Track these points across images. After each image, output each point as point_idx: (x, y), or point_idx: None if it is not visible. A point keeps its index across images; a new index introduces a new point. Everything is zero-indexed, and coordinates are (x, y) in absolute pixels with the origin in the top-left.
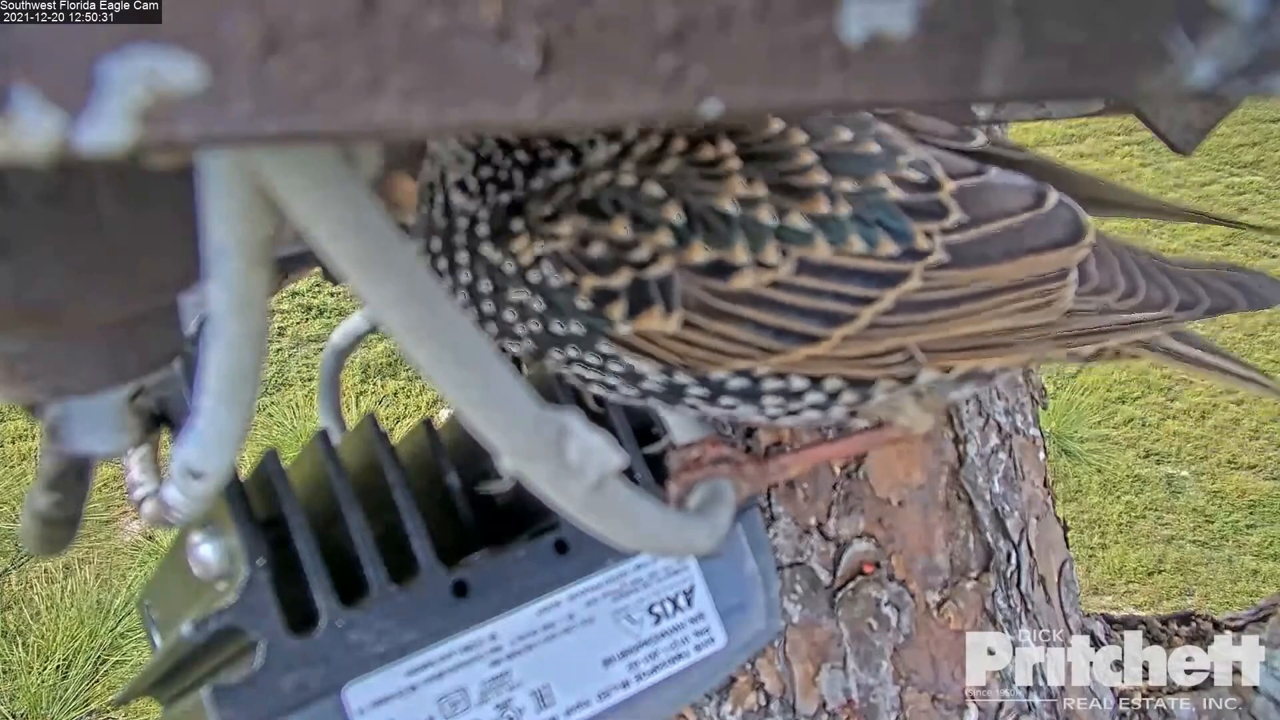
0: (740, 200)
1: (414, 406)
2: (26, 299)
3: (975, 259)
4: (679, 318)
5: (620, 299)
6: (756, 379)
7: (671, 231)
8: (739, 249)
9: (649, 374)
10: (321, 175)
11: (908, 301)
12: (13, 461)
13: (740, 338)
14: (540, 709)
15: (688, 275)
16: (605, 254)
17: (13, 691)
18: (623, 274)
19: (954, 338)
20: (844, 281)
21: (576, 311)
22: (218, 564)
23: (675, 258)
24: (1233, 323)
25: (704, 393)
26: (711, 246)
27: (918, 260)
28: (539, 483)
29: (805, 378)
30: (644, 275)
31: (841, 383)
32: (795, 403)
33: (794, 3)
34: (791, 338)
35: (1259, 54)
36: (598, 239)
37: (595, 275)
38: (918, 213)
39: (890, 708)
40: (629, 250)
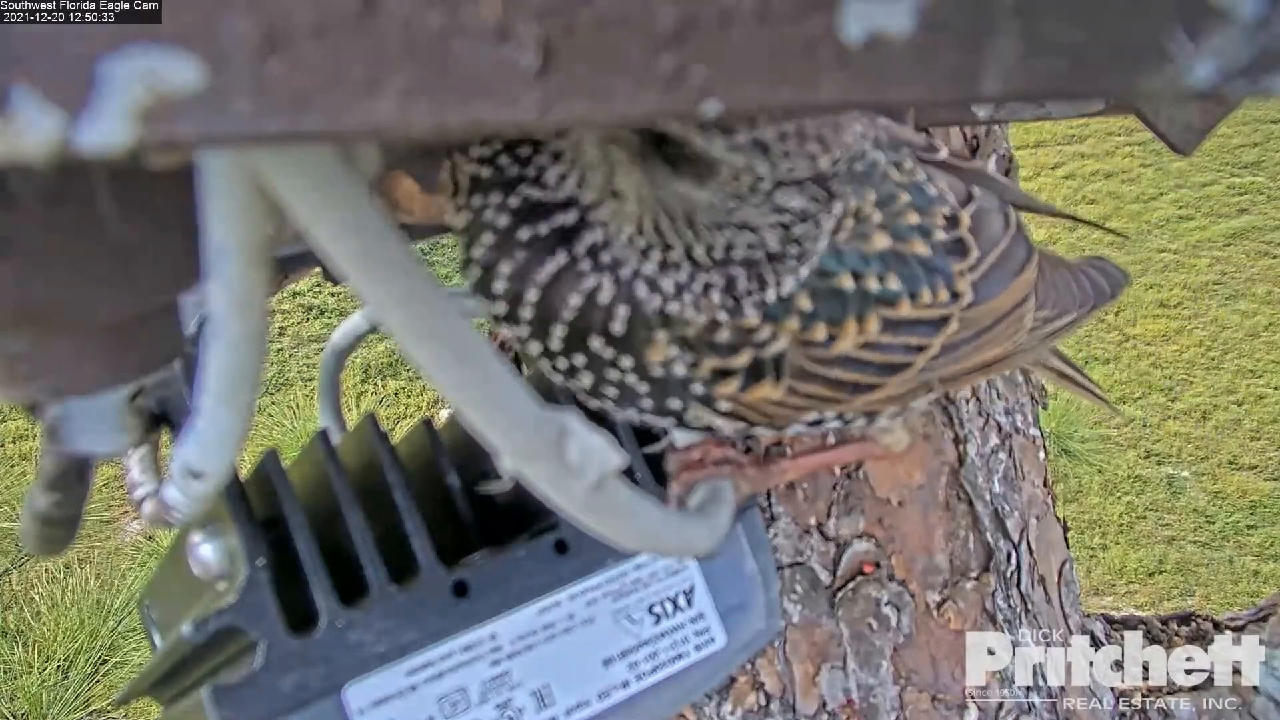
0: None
1: (414, 406)
2: (26, 299)
3: (987, 294)
4: (785, 385)
5: (736, 377)
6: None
7: (799, 318)
8: (850, 323)
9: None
10: (321, 175)
11: (946, 345)
12: (13, 461)
13: (821, 394)
14: (540, 709)
15: (797, 347)
16: (732, 339)
17: (13, 691)
18: (744, 355)
19: (963, 369)
20: (910, 333)
21: (686, 395)
22: (218, 564)
23: (794, 336)
24: (1233, 323)
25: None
26: (830, 325)
27: (957, 303)
28: (539, 483)
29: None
30: (762, 354)
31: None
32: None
33: (794, 3)
34: (861, 389)
35: (1259, 54)
36: (726, 328)
37: (717, 357)
38: (953, 252)
39: (890, 708)
40: (754, 333)
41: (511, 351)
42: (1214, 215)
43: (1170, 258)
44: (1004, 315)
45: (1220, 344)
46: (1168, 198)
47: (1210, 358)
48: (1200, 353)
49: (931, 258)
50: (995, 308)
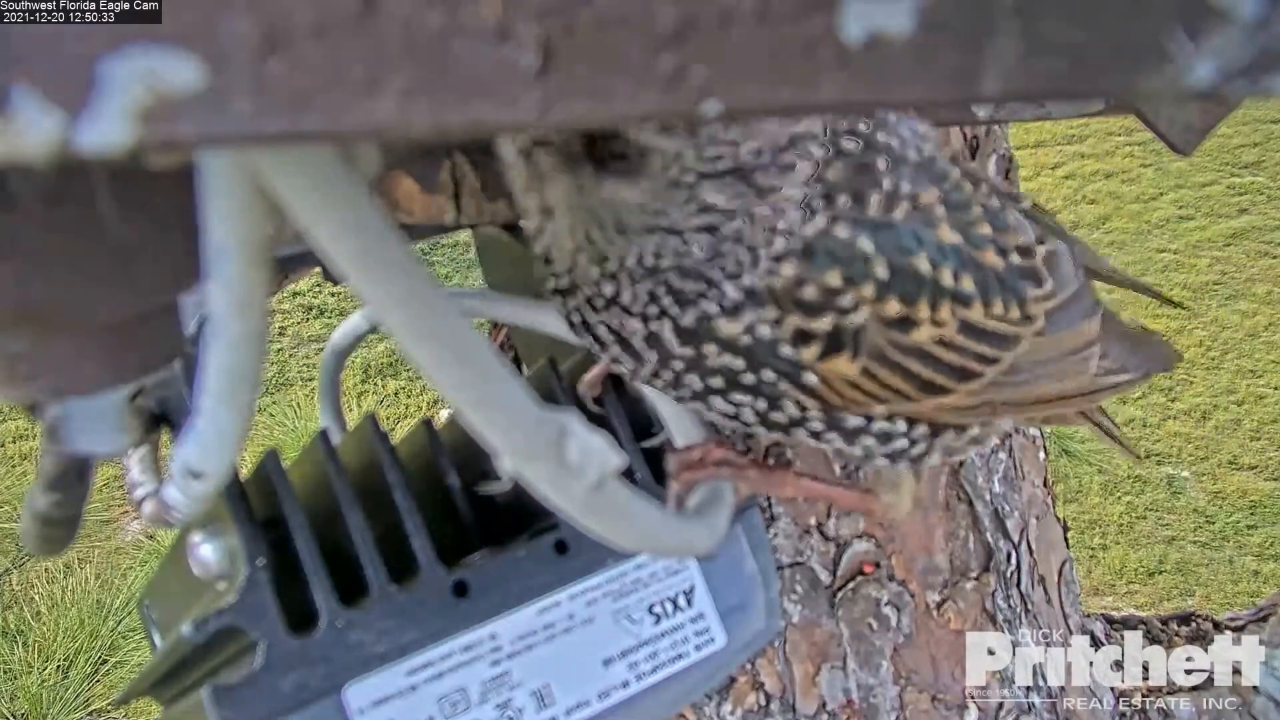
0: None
1: (415, 406)
2: (26, 299)
3: (1056, 326)
4: (862, 364)
5: (817, 341)
6: (871, 419)
7: (875, 285)
8: (923, 306)
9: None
10: (321, 175)
11: (1015, 365)
12: (13, 461)
13: (897, 386)
14: (540, 709)
15: (878, 326)
16: (816, 298)
17: (13, 691)
18: (826, 319)
19: (1026, 397)
20: (982, 342)
21: (776, 359)
22: (218, 564)
23: (873, 309)
24: (1233, 323)
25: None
26: (904, 302)
27: (1029, 325)
28: (539, 483)
29: (905, 422)
30: (844, 322)
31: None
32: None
33: (794, 3)
34: (932, 389)
35: (1259, 54)
36: (812, 283)
37: (802, 315)
38: (1028, 278)
39: (890, 708)
40: (836, 296)
41: (511, 351)
42: (1214, 215)
43: (1170, 258)
44: (1070, 353)
45: (1220, 344)
46: (1168, 198)
47: (1210, 358)
48: (1200, 353)
49: (1005, 272)
50: (1062, 342)
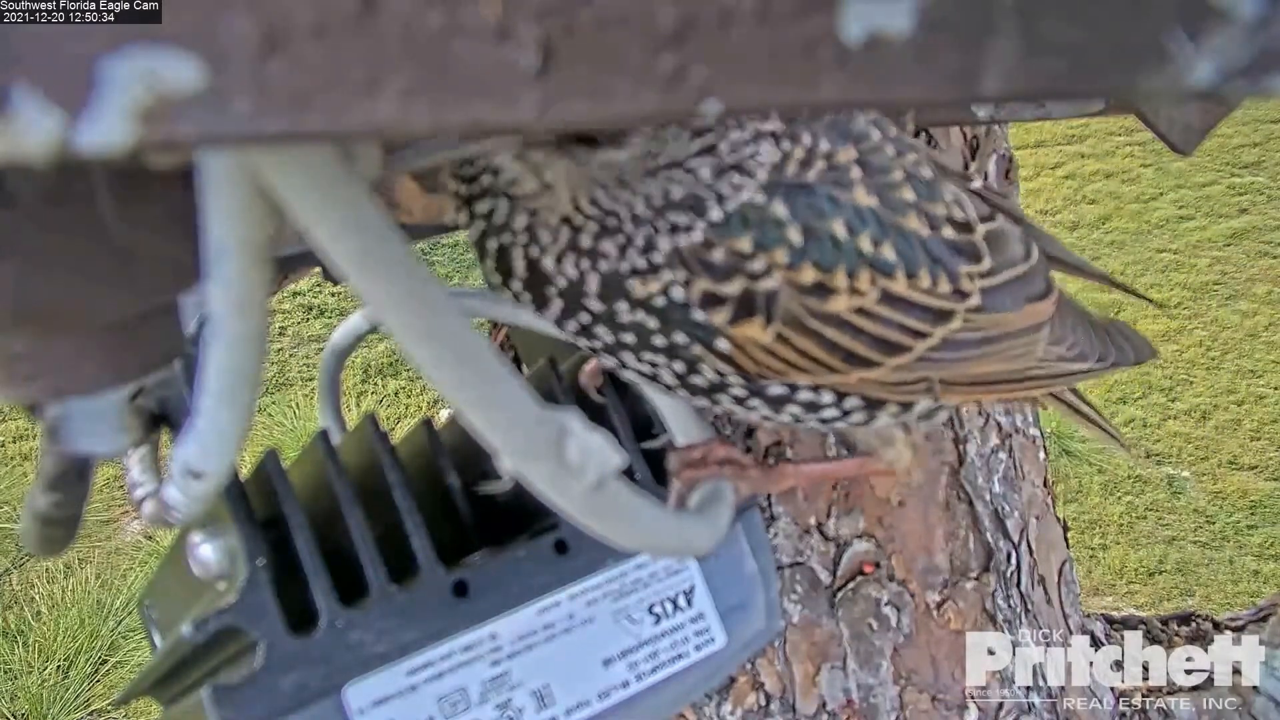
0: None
1: (415, 406)
2: (26, 299)
3: (996, 305)
4: (775, 330)
5: (727, 305)
6: (794, 388)
7: (788, 250)
8: (840, 273)
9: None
10: (321, 175)
11: (948, 340)
12: (13, 461)
13: (816, 355)
14: (540, 709)
15: (791, 292)
16: (725, 261)
17: (13, 691)
18: (736, 282)
19: (965, 375)
20: (909, 315)
21: (689, 324)
22: (218, 564)
23: (786, 274)
24: (1233, 323)
25: (742, 394)
26: (819, 268)
27: (962, 301)
28: (539, 483)
29: (832, 394)
30: (754, 287)
31: (859, 402)
32: (809, 414)
33: (794, 3)
34: (856, 361)
35: (1259, 54)
36: (720, 247)
37: (710, 280)
38: (963, 254)
39: (890, 708)
40: (746, 261)
41: (511, 351)
42: (1214, 215)
43: (1170, 258)
44: (1014, 334)
45: (1220, 344)
46: (1168, 198)
47: (1210, 358)
48: (1200, 353)
49: (931, 243)
50: (1005, 321)
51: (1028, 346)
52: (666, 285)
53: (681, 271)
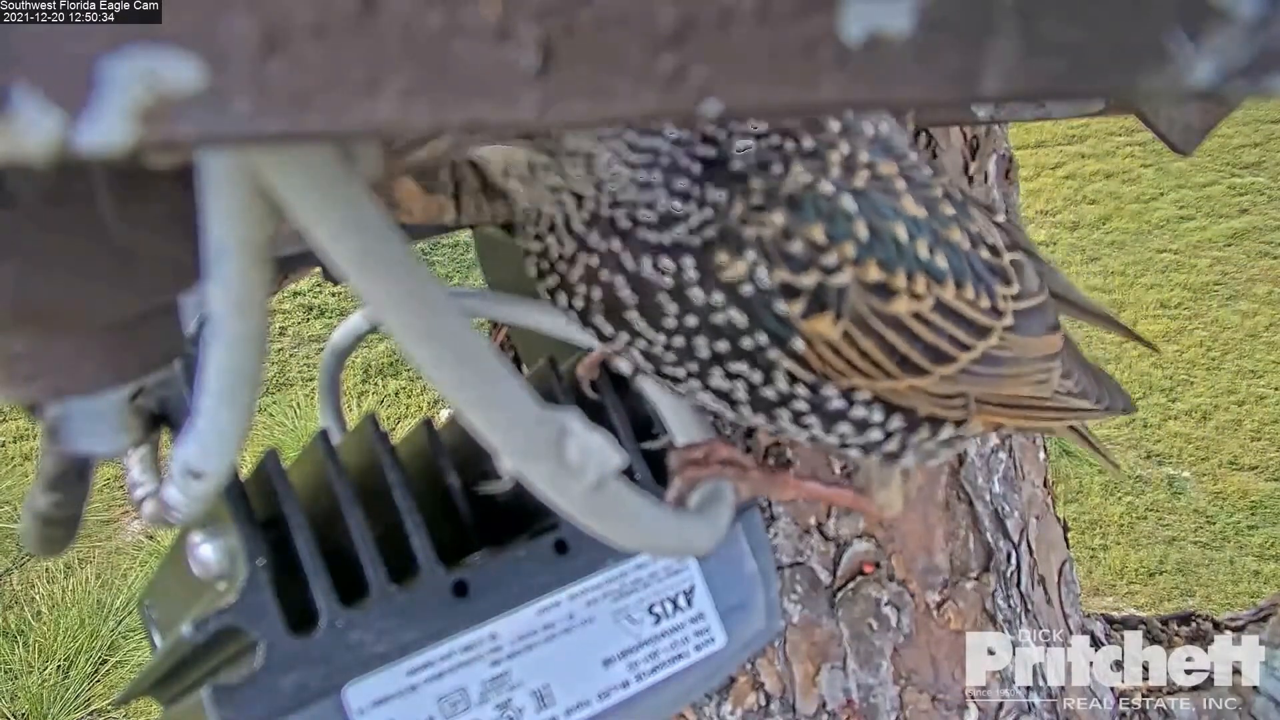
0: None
1: (415, 406)
2: (26, 299)
3: (1024, 329)
4: (843, 327)
5: (802, 298)
6: (852, 403)
7: (856, 244)
8: (901, 274)
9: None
10: (321, 175)
11: (987, 355)
12: (14, 461)
13: (876, 357)
14: (540, 709)
15: (859, 289)
16: (802, 253)
17: (14, 691)
18: (812, 275)
19: (996, 395)
20: (957, 325)
21: (770, 314)
22: (218, 564)
23: (855, 270)
24: (1234, 323)
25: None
26: (883, 268)
27: (999, 319)
28: (539, 483)
29: (882, 410)
30: (828, 281)
31: (901, 423)
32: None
33: (794, 3)
34: (909, 367)
35: (1259, 54)
36: (798, 237)
37: (788, 270)
38: (996, 274)
39: (890, 708)
40: (821, 254)
41: (511, 351)
42: (1214, 215)
43: (1171, 258)
44: (1036, 359)
45: (1221, 344)
46: (1168, 198)
47: (1211, 358)
48: (1201, 353)
49: (973, 258)
50: (1031, 345)
51: (1047, 374)
52: (752, 267)
53: (763, 260)
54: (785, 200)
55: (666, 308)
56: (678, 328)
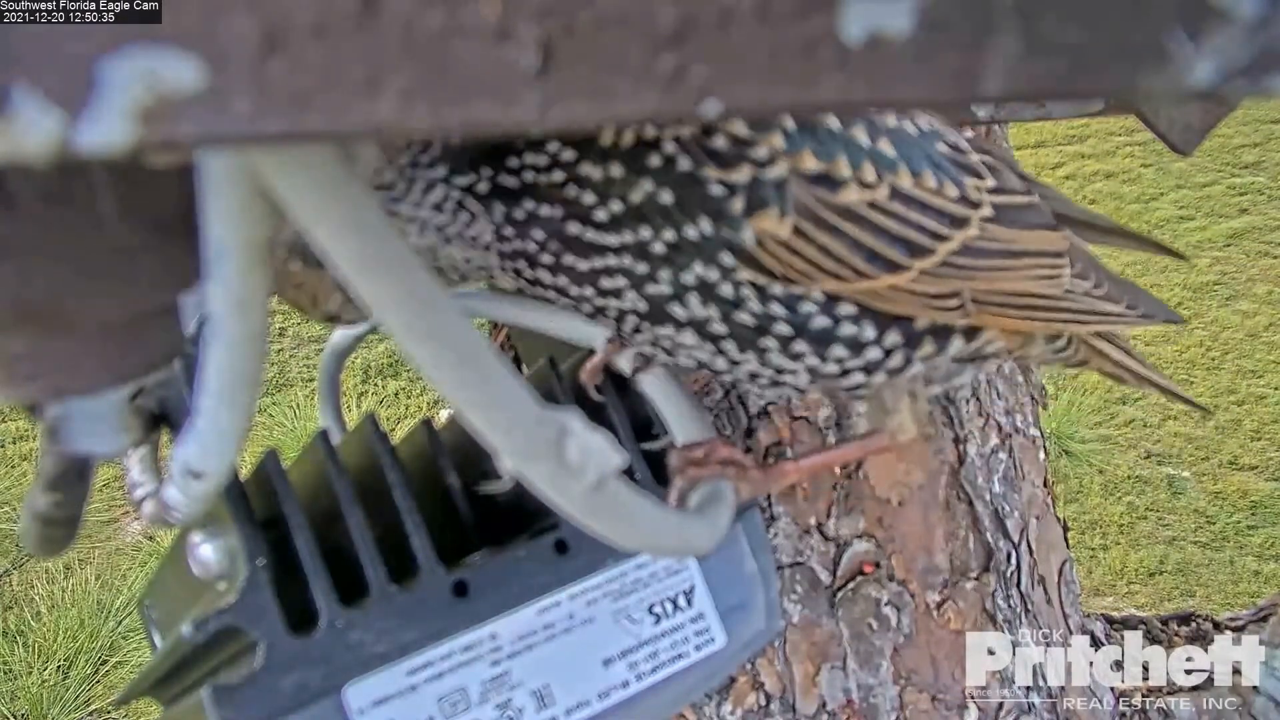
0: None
1: (415, 407)
2: (26, 299)
3: (1009, 220)
4: (791, 223)
5: (740, 194)
6: (837, 320)
7: (784, 136)
8: (842, 163)
9: (748, 299)
10: (321, 175)
11: (969, 246)
12: (14, 461)
13: (839, 254)
14: (540, 709)
15: (800, 182)
16: (727, 147)
17: (13, 691)
18: (744, 169)
19: (994, 290)
20: (924, 215)
21: (706, 201)
22: (218, 564)
23: (790, 161)
24: (1234, 323)
25: (788, 331)
26: (819, 157)
27: (974, 209)
28: (539, 483)
29: (874, 325)
30: (762, 175)
31: (899, 338)
32: (854, 357)
33: (794, 3)
34: (880, 262)
35: (1259, 54)
36: (719, 132)
37: (718, 168)
38: (961, 167)
39: (890, 708)
40: (748, 147)
41: (512, 351)
42: (1214, 215)
43: (1170, 258)
44: (1034, 253)
45: (1220, 344)
46: (1168, 198)
47: (1210, 358)
48: (1200, 353)
49: (927, 146)
50: (1022, 238)
51: (1053, 269)
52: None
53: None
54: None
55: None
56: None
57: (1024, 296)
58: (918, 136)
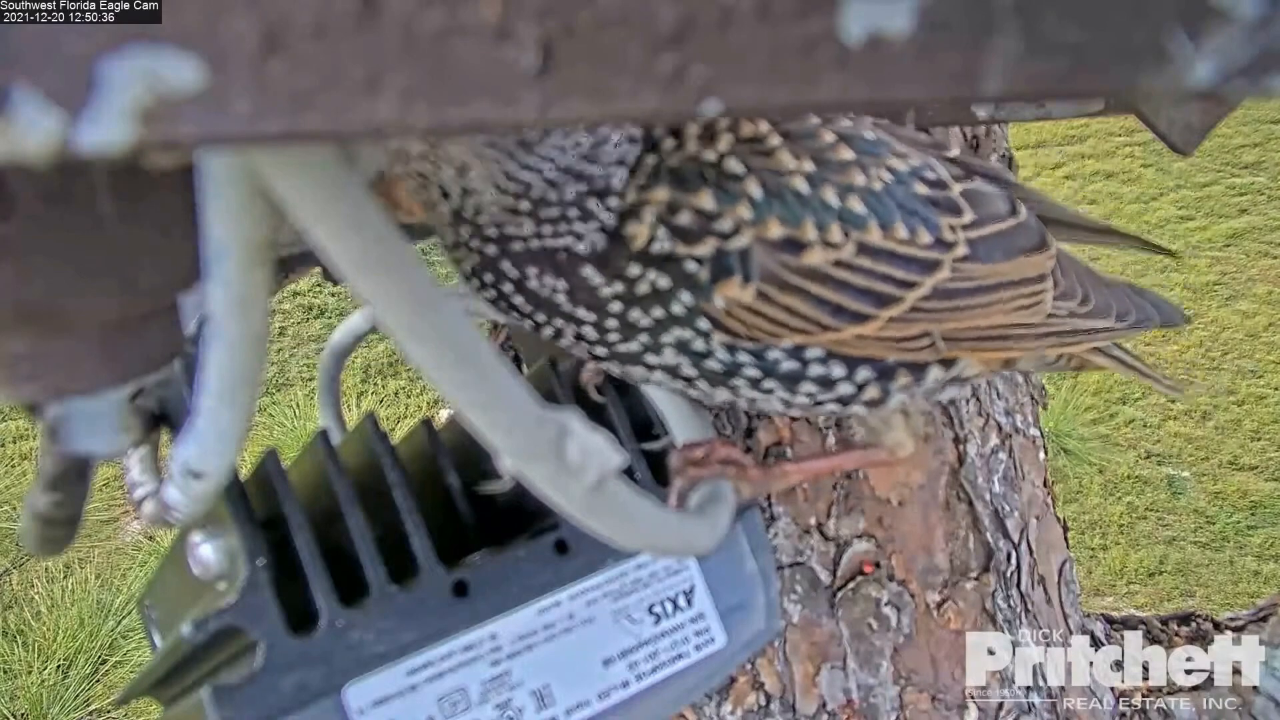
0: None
1: (415, 406)
2: (26, 299)
3: (985, 255)
4: (754, 289)
5: (706, 266)
6: (805, 362)
7: (750, 205)
8: (808, 226)
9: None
10: (321, 175)
11: (940, 289)
12: (13, 461)
13: (804, 312)
14: (540, 709)
15: (764, 249)
16: (692, 223)
17: (13, 691)
18: (708, 243)
19: (967, 329)
20: (893, 265)
21: (685, 278)
22: (218, 564)
23: (754, 231)
24: (1234, 324)
25: (756, 374)
26: (785, 223)
27: (947, 251)
28: (539, 483)
29: (843, 365)
30: (726, 246)
31: (871, 374)
32: (825, 392)
33: (794, 3)
34: (846, 315)
35: (1259, 54)
36: (686, 209)
37: (685, 244)
38: (940, 207)
39: (890, 708)
40: (713, 221)
41: (512, 352)
42: (1214, 215)
43: (1170, 258)
44: (1012, 284)
45: (1220, 344)
46: (1168, 198)
47: (1210, 358)
48: (1200, 353)
49: (900, 196)
50: (999, 271)
51: (1033, 299)
52: (653, 232)
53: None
54: (668, 174)
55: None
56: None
57: (1000, 328)
58: (893, 184)
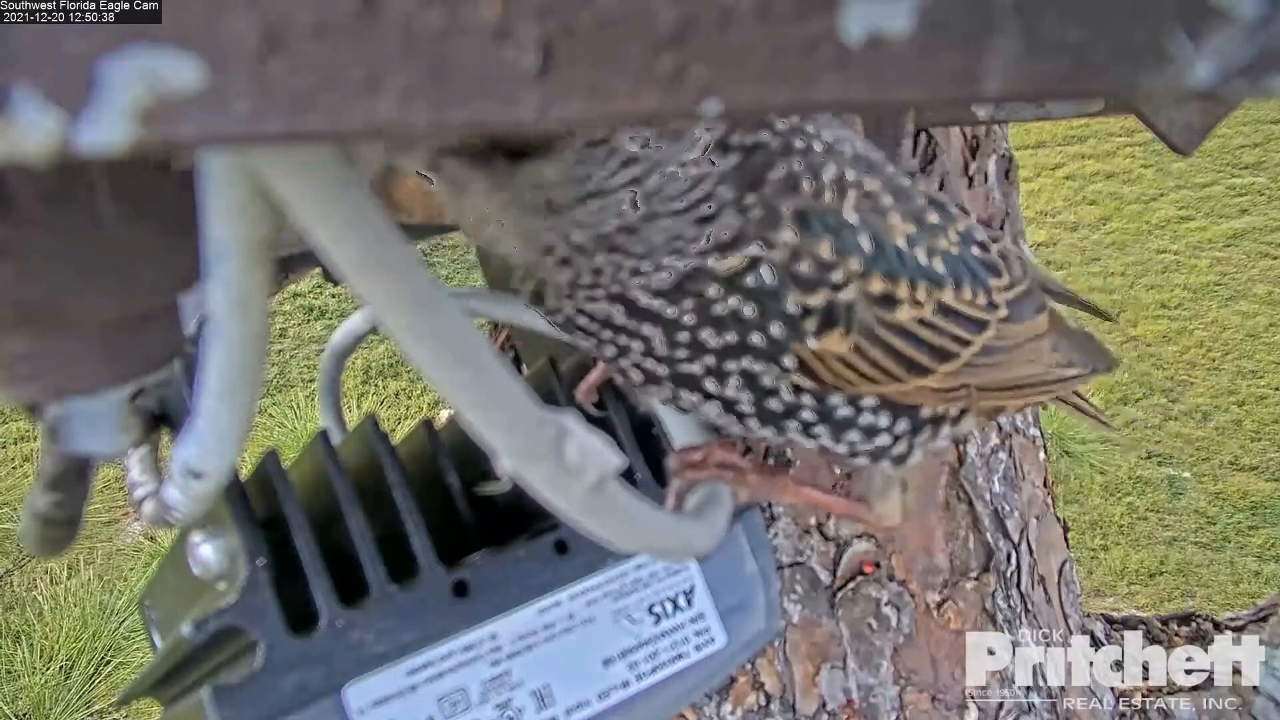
0: (906, 237)
1: (415, 407)
2: (26, 299)
3: (1017, 316)
4: (851, 341)
5: (814, 315)
6: (859, 410)
7: (861, 259)
8: (903, 284)
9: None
10: (321, 175)
11: (986, 347)
12: (14, 462)
13: (884, 365)
14: (540, 709)
15: (866, 303)
16: (810, 272)
17: (15, 692)
18: (821, 294)
19: (992, 381)
20: (957, 324)
21: (783, 315)
22: (218, 564)
23: (861, 284)
24: (1234, 324)
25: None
26: (886, 279)
27: (994, 312)
28: (538, 484)
29: (889, 414)
30: (836, 298)
31: (907, 426)
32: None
33: (794, 3)
34: (915, 369)
35: (1259, 54)
36: (807, 256)
37: (799, 291)
38: (989, 269)
39: (890, 708)
40: (829, 271)
41: (512, 351)
42: (1214, 216)
43: (1171, 258)
44: (1027, 342)
45: (1221, 345)
46: (1168, 198)
47: (1211, 358)
48: (1201, 353)
49: (967, 258)
50: (1023, 331)
51: (1036, 353)
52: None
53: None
54: (794, 216)
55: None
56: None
57: (1015, 380)
58: (961, 246)
